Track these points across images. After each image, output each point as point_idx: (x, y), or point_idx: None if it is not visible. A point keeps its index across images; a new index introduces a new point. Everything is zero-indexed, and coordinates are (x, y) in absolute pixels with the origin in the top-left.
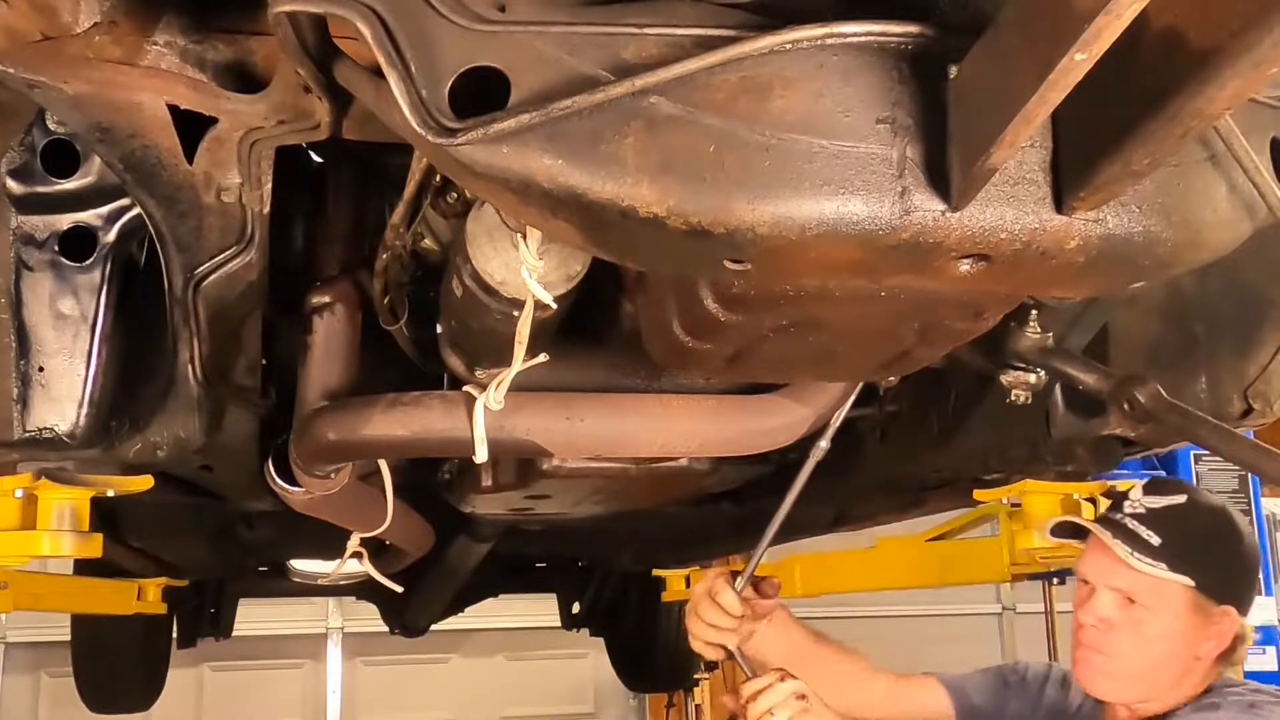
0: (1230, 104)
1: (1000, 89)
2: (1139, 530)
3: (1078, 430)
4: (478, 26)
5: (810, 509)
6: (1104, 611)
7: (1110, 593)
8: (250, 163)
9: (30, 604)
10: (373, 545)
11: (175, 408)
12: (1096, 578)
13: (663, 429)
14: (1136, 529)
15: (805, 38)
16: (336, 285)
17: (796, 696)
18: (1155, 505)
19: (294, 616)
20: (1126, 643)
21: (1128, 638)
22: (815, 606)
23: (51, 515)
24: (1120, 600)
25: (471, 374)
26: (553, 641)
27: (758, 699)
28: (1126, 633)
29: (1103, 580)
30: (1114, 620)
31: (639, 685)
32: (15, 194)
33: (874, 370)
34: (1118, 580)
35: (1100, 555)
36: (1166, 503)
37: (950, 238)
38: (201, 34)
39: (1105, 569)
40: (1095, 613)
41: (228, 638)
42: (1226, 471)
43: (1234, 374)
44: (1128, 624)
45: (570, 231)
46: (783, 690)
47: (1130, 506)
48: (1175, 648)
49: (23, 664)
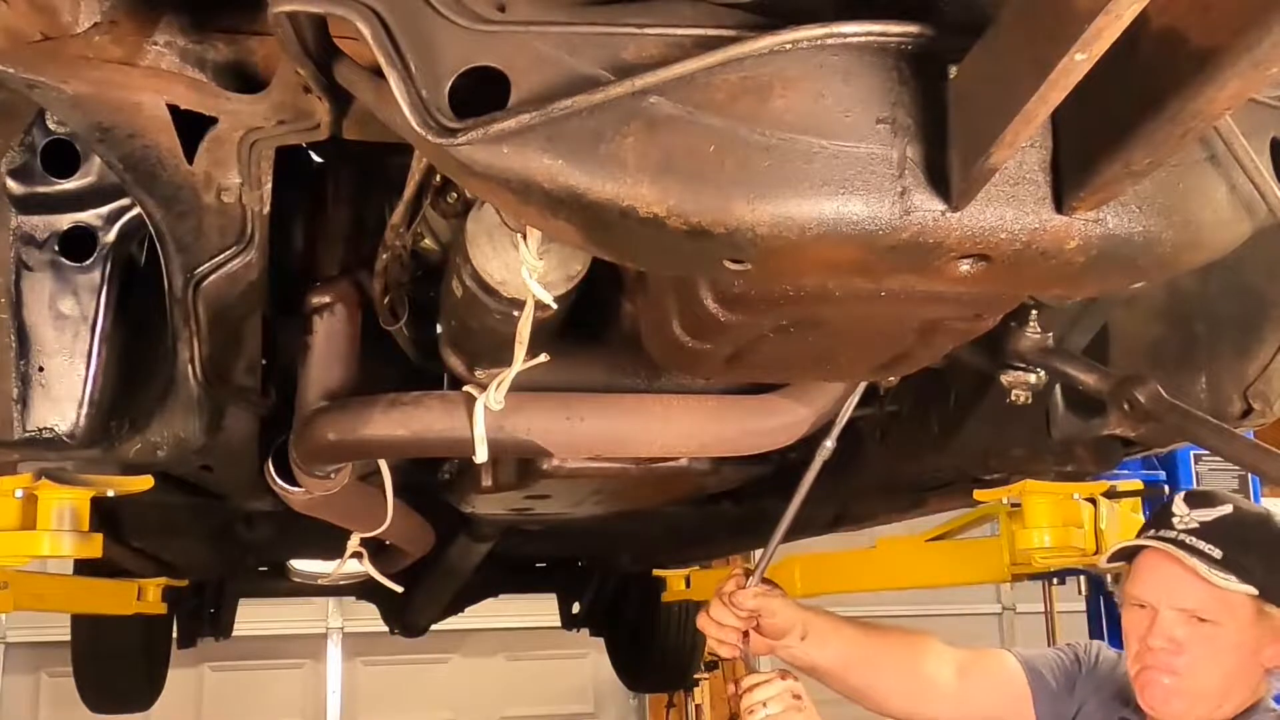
0: (1230, 104)
1: (1000, 89)
2: (1199, 545)
3: (1078, 430)
4: (478, 26)
5: (810, 509)
6: (1174, 632)
7: (1175, 612)
8: (250, 163)
9: (30, 604)
10: (373, 545)
11: (175, 408)
12: (1160, 598)
13: (663, 429)
14: (1196, 544)
15: (805, 38)
16: (336, 285)
17: (792, 695)
18: (1207, 518)
19: (294, 616)
20: (1199, 661)
21: (1201, 656)
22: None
23: (51, 515)
24: (1187, 619)
25: (471, 374)
26: (553, 641)
27: (754, 690)
28: (1199, 651)
29: (1169, 601)
30: (1183, 640)
31: (639, 685)
32: (15, 194)
33: (874, 370)
34: (1186, 598)
35: (1162, 574)
36: (1217, 514)
37: (950, 238)
38: (201, 34)
39: (1170, 588)
40: (1164, 634)
41: (228, 638)
42: (1226, 471)
43: (1234, 374)
44: (1198, 642)
45: (570, 231)
46: (779, 685)
47: (1182, 522)
48: (1245, 659)
49: (23, 664)
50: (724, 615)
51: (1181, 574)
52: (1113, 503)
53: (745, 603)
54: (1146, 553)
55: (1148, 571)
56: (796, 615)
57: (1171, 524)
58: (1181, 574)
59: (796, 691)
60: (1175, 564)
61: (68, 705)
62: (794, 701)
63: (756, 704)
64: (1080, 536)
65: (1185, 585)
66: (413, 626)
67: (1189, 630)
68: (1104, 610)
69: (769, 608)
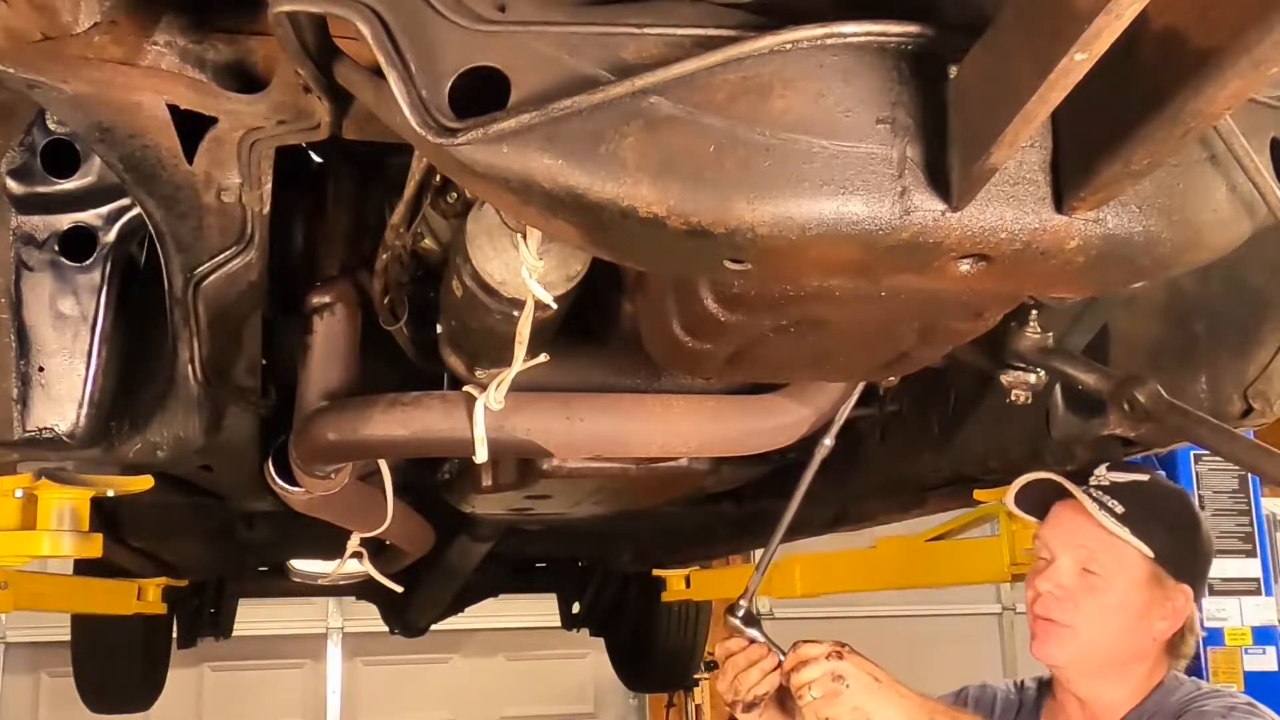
0: (1230, 104)
1: (1000, 89)
2: (1103, 498)
3: (1078, 430)
4: (478, 26)
5: (810, 509)
6: (1063, 579)
7: (1070, 560)
8: (250, 163)
9: (30, 604)
10: (373, 545)
11: (175, 408)
12: (1058, 541)
13: (663, 429)
14: (1101, 497)
15: (805, 38)
16: (336, 285)
17: (833, 677)
18: (1119, 479)
19: (294, 616)
20: (1085, 611)
21: (1087, 605)
22: (815, 606)
23: (51, 515)
24: (1079, 570)
25: (471, 374)
26: (553, 641)
27: (800, 670)
28: (1085, 600)
29: (1065, 542)
30: (1073, 588)
31: (639, 685)
32: (15, 194)
33: (874, 370)
34: (1081, 539)
35: (1063, 520)
36: (1130, 478)
37: (950, 238)
38: (201, 34)
39: (1068, 531)
40: (1054, 579)
41: (228, 638)
42: (1226, 471)
43: (1234, 374)
44: (1086, 591)
45: (570, 231)
46: (822, 666)
47: (1095, 480)
48: (1131, 620)
49: (23, 664)
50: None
51: (1081, 520)
52: None
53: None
54: (1056, 506)
55: (1051, 520)
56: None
57: (1086, 480)
58: (1081, 520)
59: (839, 672)
60: (1077, 511)
61: (68, 705)
62: (832, 686)
63: (803, 686)
64: None
65: (1081, 530)
66: (413, 626)
67: (1080, 581)
68: None
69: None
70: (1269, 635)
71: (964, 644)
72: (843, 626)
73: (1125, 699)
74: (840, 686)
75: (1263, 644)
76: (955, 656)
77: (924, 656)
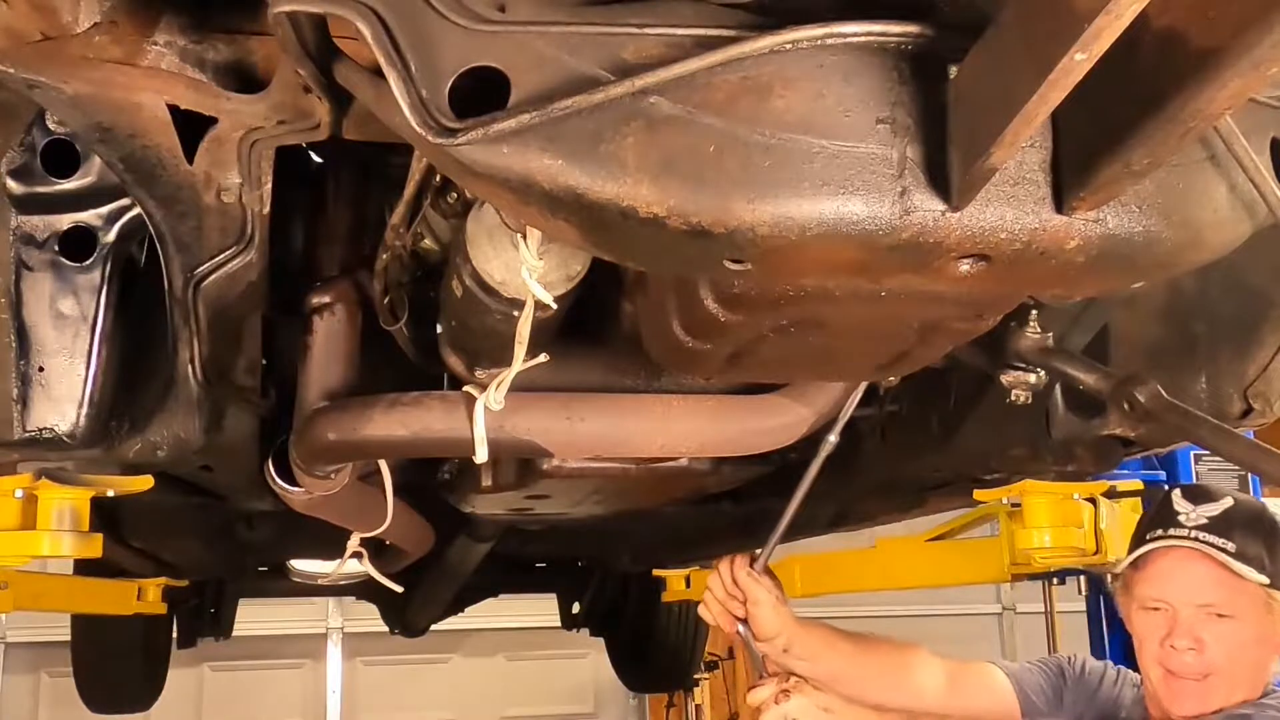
0: (1230, 104)
1: (1000, 89)
2: (1214, 539)
3: (1078, 430)
4: (478, 26)
5: (811, 508)
6: (1198, 631)
7: (1195, 610)
8: (250, 163)
9: (30, 604)
10: (373, 545)
11: (175, 408)
12: (1179, 597)
13: (663, 429)
14: (1211, 539)
15: (805, 38)
16: (336, 285)
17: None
18: (1213, 513)
19: (294, 616)
20: (1223, 657)
21: (1225, 651)
22: (815, 606)
23: (51, 515)
24: (1209, 616)
25: (471, 374)
26: (553, 641)
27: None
28: (1223, 647)
29: (1189, 598)
30: (1207, 638)
31: (639, 685)
32: (15, 194)
33: (874, 370)
34: (1206, 594)
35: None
36: (1221, 509)
37: (950, 238)
38: (201, 34)
39: (1190, 586)
40: (1189, 634)
41: (228, 638)
42: (1226, 471)
43: (1234, 374)
44: (1222, 639)
45: (570, 231)
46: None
47: (1189, 519)
48: (1266, 651)
49: (23, 664)
50: (716, 586)
51: (1202, 570)
52: (1113, 503)
53: (737, 576)
54: (1160, 552)
55: (1166, 571)
56: (781, 624)
57: (1179, 521)
58: (1202, 570)
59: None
60: (1195, 561)
61: (68, 705)
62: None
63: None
64: (1080, 536)
65: (1205, 581)
66: (413, 626)
67: (1212, 628)
68: (1104, 610)
69: (754, 595)
70: None
71: (964, 644)
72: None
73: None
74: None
75: None
76: (955, 656)
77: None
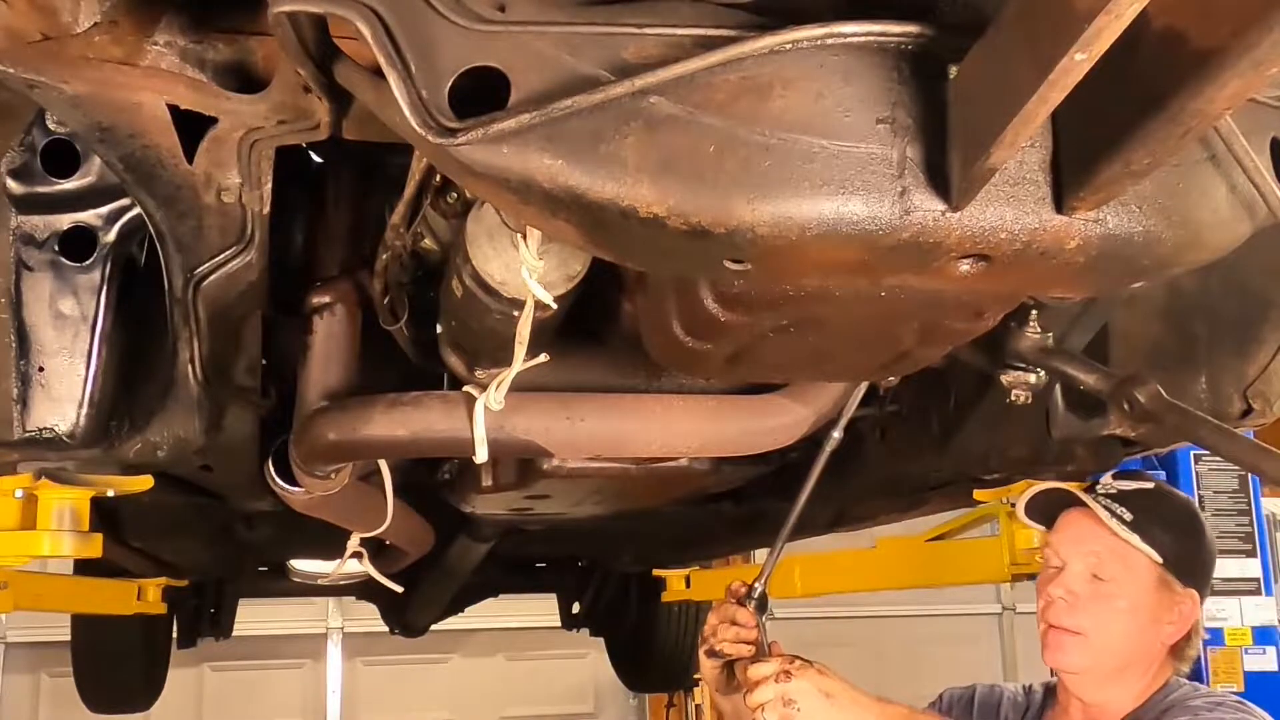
0: (1230, 104)
1: (1000, 89)
2: (1112, 505)
3: (1078, 430)
4: (478, 26)
5: (811, 509)
6: (1074, 585)
7: (1080, 567)
8: (250, 163)
9: (30, 604)
10: (373, 545)
11: (175, 408)
12: (1068, 548)
13: (663, 429)
14: (1110, 504)
15: (805, 38)
16: (336, 285)
17: (784, 701)
18: (1126, 487)
19: (294, 616)
20: (1096, 616)
21: (1097, 611)
22: (815, 606)
23: (51, 515)
24: (1089, 577)
25: (471, 374)
26: (553, 641)
27: (755, 690)
28: (1095, 606)
29: (1075, 549)
30: (1083, 594)
31: (639, 685)
32: (15, 194)
33: (874, 370)
34: (1091, 546)
35: (1073, 527)
36: (1137, 485)
37: (950, 238)
38: (201, 34)
39: (1078, 538)
40: (1065, 585)
41: (228, 638)
42: (1226, 471)
43: (1234, 374)
44: (1097, 597)
45: (570, 231)
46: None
47: (1103, 488)
48: (1141, 625)
49: (23, 664)
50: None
51: (1090, 527)
52: None
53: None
54: (1064, 513)
55: (1061, 527)
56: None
57: (1094, 489)
58: (1090, 527)
59: (789, 695)
60: (1086, 518)
61: (68, 705)
62: (784, 710)
63: (757, 708)
64: None
65: (1091, 537)
66: (413, 626)
67: (1089, 587)
68: None
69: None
70: (1269, 635)
71: (964, 644)
72: (843, 626)
73: (1128, 702)
74: (792, 711)
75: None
76: (955, 656)
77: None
